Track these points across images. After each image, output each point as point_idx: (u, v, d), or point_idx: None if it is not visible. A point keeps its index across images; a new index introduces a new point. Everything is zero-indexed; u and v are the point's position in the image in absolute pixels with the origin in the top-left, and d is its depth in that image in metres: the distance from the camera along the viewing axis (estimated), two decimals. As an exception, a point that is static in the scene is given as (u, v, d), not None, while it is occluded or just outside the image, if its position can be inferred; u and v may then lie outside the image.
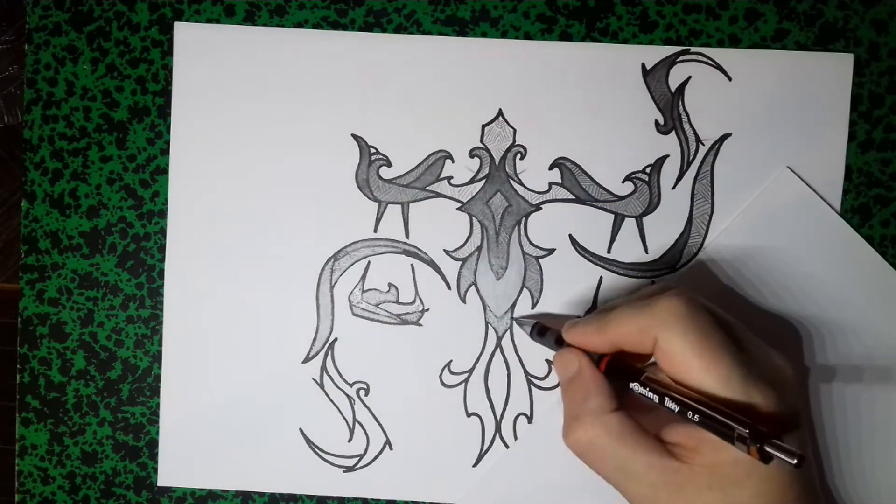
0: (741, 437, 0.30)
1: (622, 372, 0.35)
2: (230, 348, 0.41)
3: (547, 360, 0.41)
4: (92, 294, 0.42)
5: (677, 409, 0.32)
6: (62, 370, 0.42)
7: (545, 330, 0.39)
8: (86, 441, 0.42)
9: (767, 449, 0.29)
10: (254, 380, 0.41)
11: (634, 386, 0.34)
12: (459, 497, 0.41)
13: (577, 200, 0.41)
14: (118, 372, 0.42)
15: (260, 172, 0.41)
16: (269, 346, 0.41)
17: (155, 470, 0.42)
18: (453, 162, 0.41)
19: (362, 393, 0.41)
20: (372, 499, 0.41)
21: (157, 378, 0.41)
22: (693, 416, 0.31)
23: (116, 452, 0.42)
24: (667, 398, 0.32)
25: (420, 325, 0.41)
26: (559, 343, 0.37)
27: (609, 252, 0.41)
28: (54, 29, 0.41)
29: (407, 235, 0.41)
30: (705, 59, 0.40)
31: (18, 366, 0.42)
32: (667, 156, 0.40)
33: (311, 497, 0.41)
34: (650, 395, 0.33)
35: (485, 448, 0.41)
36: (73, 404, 0.42)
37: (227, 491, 0.41)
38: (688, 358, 0.32)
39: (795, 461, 0.28)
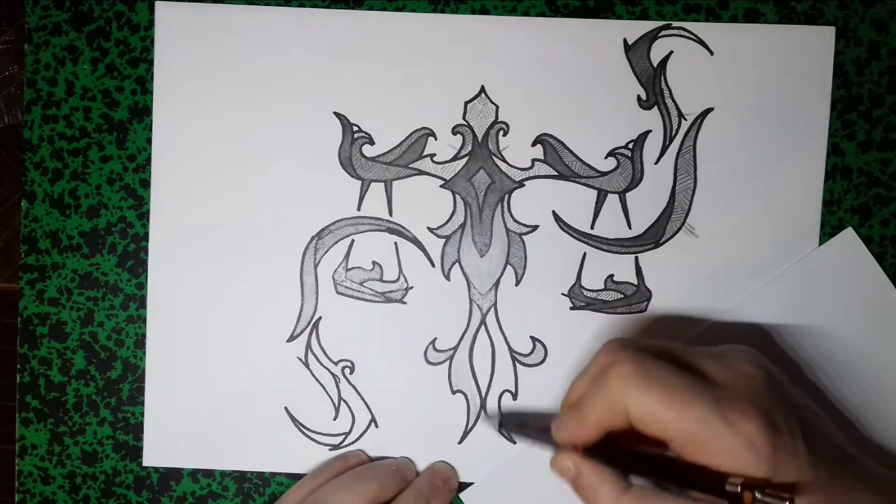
0: (731, 493, 0.30)
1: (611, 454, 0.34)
2: (215, 328, 0.41)
3: (531, 337, 0.41)
4: (92, 294, 0.42)
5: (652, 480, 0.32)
6: (62, 370, 0.42)
7: (517, 424, 0.38)
8: (86, 441, 0.42)
9: (759, 497, 0.29)
10: (238, 359, 0.41)
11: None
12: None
13: (560, 177, 0.41)
14: (118, 372, 0.42)
15: (242, 151, 0.41)
16: (253, 326, 0.41)
17: (156, 470, 0.42)
18: (436, 139, 0.41)
19: (347, 371, 0.41)
20: (357, 476, 0.41)
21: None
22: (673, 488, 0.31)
23: (116, 452, 0.42)
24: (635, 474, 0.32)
25: (404, 302, 0.41)
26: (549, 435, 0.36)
27: (592, 228, 0.41)
28: (54, 29, 0.41)
29: (390, 213, 0.41)
30: (687, 34, 0.40)
31: (18, 366, 0.42)
32: (649, 131, 0.40)
33: (297, 476, 0.41)
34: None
35: (470, 425, 0.41)
36: (74, 404, 0.42)
37: (213, 470, 0.41)
38: (660, 413, 0.31)
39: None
